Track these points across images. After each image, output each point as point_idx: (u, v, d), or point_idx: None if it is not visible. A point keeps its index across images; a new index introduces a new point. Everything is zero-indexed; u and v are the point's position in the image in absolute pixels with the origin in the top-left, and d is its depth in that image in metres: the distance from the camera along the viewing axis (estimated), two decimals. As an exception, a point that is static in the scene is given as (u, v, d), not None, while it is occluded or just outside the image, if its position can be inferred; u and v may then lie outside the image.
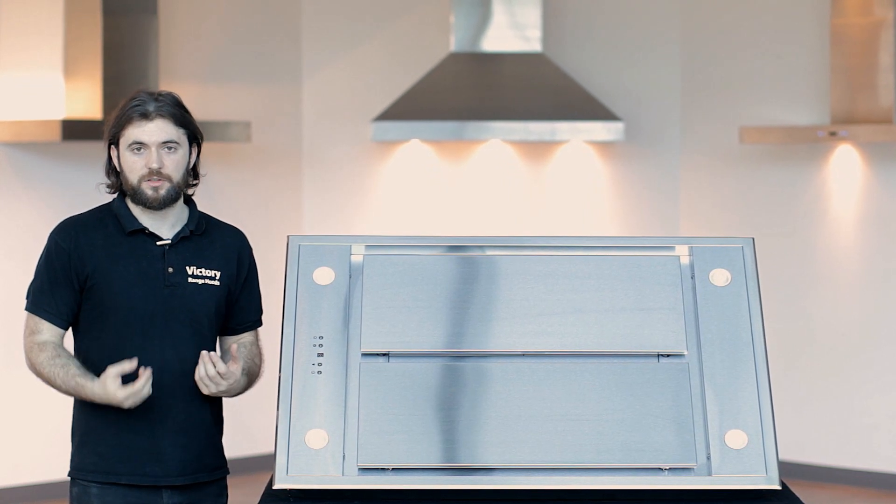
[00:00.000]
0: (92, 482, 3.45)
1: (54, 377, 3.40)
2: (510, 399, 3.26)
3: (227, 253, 3.55)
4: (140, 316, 3.42)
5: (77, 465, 3.49)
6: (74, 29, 7.13)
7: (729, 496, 3.23)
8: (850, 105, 7.45)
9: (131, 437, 3.43)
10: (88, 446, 3.46)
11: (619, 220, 8.21)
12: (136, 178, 3.42)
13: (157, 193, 3.41)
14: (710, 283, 3.41)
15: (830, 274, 7.74)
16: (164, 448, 3.45)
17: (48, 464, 7.14)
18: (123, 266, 3.42)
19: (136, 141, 3.40)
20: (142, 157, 3.41)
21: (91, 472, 3.45)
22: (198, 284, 3.48)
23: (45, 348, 3.40)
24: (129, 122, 3.40)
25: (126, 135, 3.41)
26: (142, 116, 3.39)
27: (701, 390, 3.29)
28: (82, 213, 3.52)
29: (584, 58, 8.18)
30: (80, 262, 3.41)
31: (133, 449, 3.43)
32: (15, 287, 7.05)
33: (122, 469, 3.43)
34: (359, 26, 8.23)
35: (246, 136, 7.58)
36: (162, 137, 3.41)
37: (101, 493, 3.44)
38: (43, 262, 3.44)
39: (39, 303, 3.43)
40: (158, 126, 3.40)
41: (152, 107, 3.40)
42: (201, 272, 3.49)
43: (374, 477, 3.20)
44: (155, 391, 3.39)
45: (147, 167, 3.40)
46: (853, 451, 7.69)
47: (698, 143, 8.14)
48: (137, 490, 3.45)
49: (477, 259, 3.41)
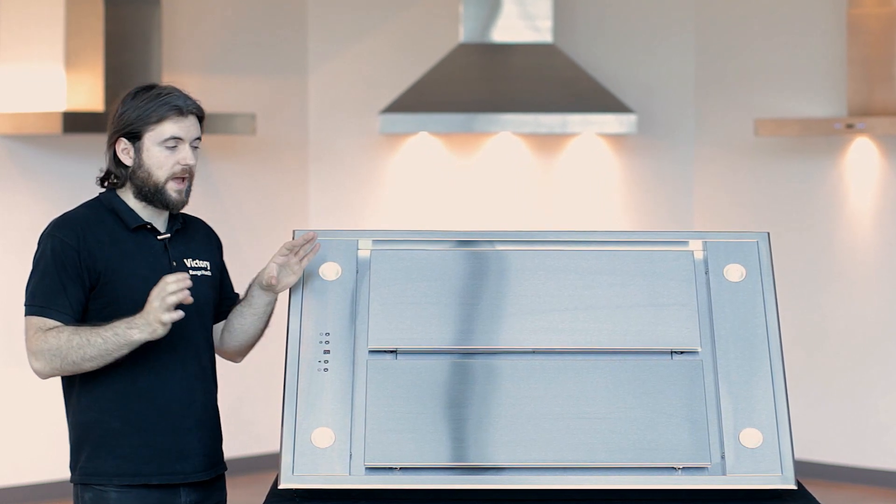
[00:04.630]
0: (110, 486, 3.38)
1: (87, 341, 3.27)
2: (520, 397, 3.25)
3: (208, 242, 3.56)
4: None
5: (93, 471, 3.39)
6: (76, 20, 7.10)
7: (744, 496, 3.21)
8: (868, 97, 7.41)
9: (155, 435, 3.38)
10: (107, 450, 3.38)
11: (631, 214, 8.17)
12: (165, 175, 3.38)
13: (181, 196, 3.39)
14: (724, 278, 3.39)
15: (847, 269, 7.69)
16: (188, 444, 3.42)
17: (48, 464, 7.13)
18: (134, 262, 3.39)
19: (175, 136, 3.37)
20: (175, 154, 3.37)
21: (113, 475, 3.38)
22: (197, 276, 3.46)
23: (61, 329, 3.31)
24: (164, 118, 3.36)
25: (159, 130, 3.36)
26: (179, 112, 3.37)
27: (715, 388, 3.28)
28: (74, 210, 3.46)
29: (596, 48, 8.14)
30: (91, 259, 3.35)
31: (158, 448, 3.39)
32: (15, 281, 7.00)
33: (148, 469, 3.38)
34: (366, 16, 8.20)
35: (251, 129, 7.55)
36: (195, 134, 3.40)
37: (121, 497, 3.38)
38: (50, 262, 3.35)
39: (50, 304, 3.33)
40: (192, 123, 3.40)
41: (184, 103, 3.39)
42: (197, 264, 3.48)
43: (381, 476, 3.18)
44: (175, 387, 3.38)
45: (181, 164, 3.37)
46: (869, 449, 7.64)
47: (712, 135, 8.09)
48: (158, 491, 3.40)
49: (486, 254, 3.40)
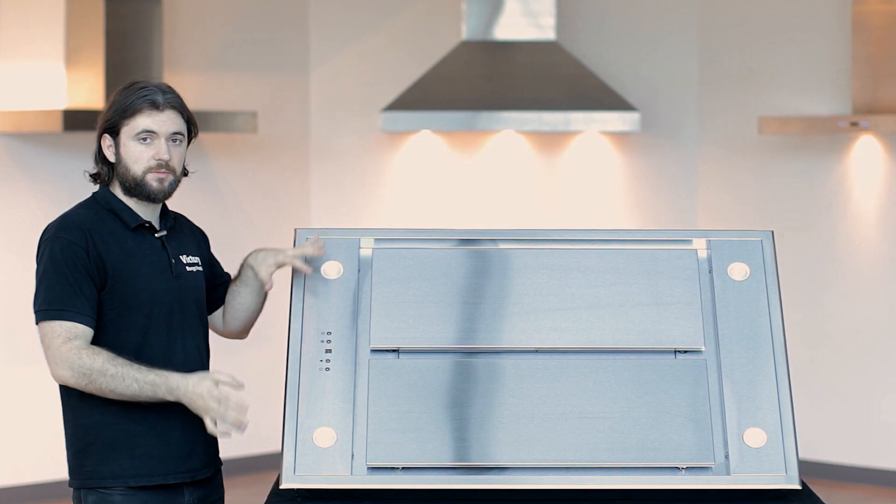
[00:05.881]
0: (116, 490, 3.35)
1: (122, 377, 3.25)
2: (523, 396, 3.24)
3: (195, 238, 3.56)
4: (162, 310, 3.39)
5: (108, 473, 3.36)
6: (76, 17, 7.09)
7: (748, 496, 3.20)
8: (872, 95, 7.39)
9: (169, 433, 3.38)
10: (122, 451, 3.35)
11: (634, 212, 8.15)
12: (142, 169, 3.37)
13: (163, 185, 3.38)
14: (728, 277, 3.38)
15: (851, 268, 7.67)
16: (196, 441, 3.41)
17: (48, 464, 7.12)
18: (137, 261, 3.38)
19: (147, 130, 3.36)
20: (150, 148, 3.37)
21: (129, 476, 3.35)
22: (193, 272, 3.47)
23: (98, 352, 3.27)
24: (137, 111, 3.35)
25: (133, 124, 3.36)
26: (152, 106, 3.36)
27: (719, 387, 3.27)
28: (72, 211, 3.44)
29: (599, 46, 8.12)
30: (100, 260, 3.34)
31: (172, 445, 3.38)
32: (15, 280, 7.02)
33: (163, 468, 3.37)
34: (368, 14, 8.18)
35: (252, 127, 7.54)
36: (172, 129, 3.38)
37: (126, 500, 3.35)
38: (60, 264, 3.31)
39: (68, 306, 3.29)
40: (168, 117, 3.37)
41: (161, 97, 3.37)
42: (190, 260, 3.48)
43: (383, 476, 3.18)
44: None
45: (155, 158, 3.36)
46: (874, 449, 7.62)
47: (716, 133, 8.07)
48: (164, 492, 3.38)
49: (489, 253, 3.39)
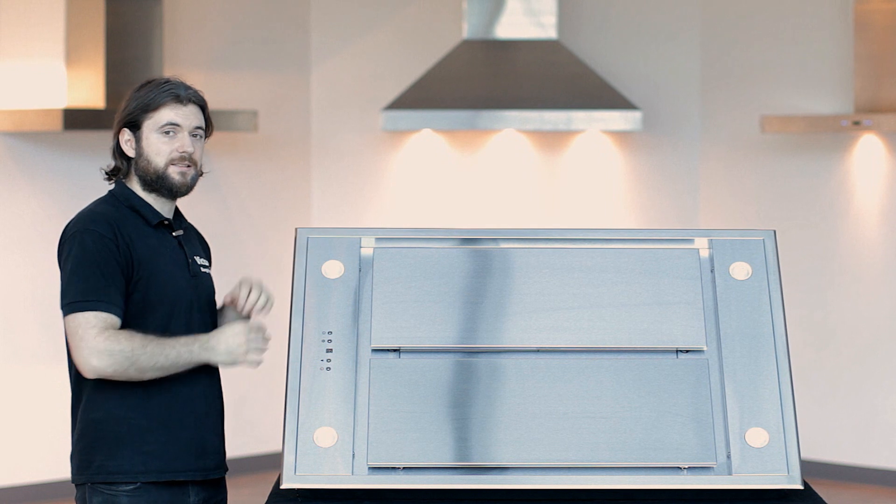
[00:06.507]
0: (122, 489, 3.34)
1: (161, 345, 3.28)
2: (524, 396, 3.24)
3: (202, 245, 3.60)
4: (182, 307, 3.40)
5: (116, 469, 3.35)
6: (76, 15, 7.09)
7: (750, 496, 3.20)
8: (875, 94, 7.38)
9: (181, 431, 3.38)
10: (132, 447, 3.35)
11: (636, 211, 8.15)
12: (164, 161, 3.39)
13: (185, 179, 3.41)
14: (730, 276, 3.38)
15: (853, 267, 7.66)
16: (208, 440, 3.42)
17: (48, 464, 7.12)
18: (160, 258, 3.40)
19: (171, 123, 3.39)
20: (173, 141, 3.39)
21: (138, 472, 3.34)
22: (206, 273, 3.50)
23: (131, 333, 3.29)
24: (161, 105, 3.38)
25: (157, 117, 3.39)
26: (176, 99, 3.39)
27: (721, 387, 3.27)
28: (94, 206, 3.43)
29: (601, 45, 8.12)
30: (128, 253, 3.34)
31: (183, 444, 3.38)
32: (16, 278, 6.99)
33: (175, 466, 3.37)
34: (369, 12, 8.18)
35: (252, 126, 7.54)
36: (195, 122, 3.42)
37: (132, 500, 3.34)
38: (92, 256, 3.30)
39: (102, 297, 3.29)
40: (191, 111, 3.41)
41: (184, 91, 3.41)
42: (202, 261, 3.51)
43: (384, 476, 3.17)
44: (196, 383, 3.38)
45: (179, 151, 3.39)
46: (877, 449, 7.61)
47: (718, 132, 8.07)
48: (169, 492, 3.38)
49: (490, 252, 3.39)
